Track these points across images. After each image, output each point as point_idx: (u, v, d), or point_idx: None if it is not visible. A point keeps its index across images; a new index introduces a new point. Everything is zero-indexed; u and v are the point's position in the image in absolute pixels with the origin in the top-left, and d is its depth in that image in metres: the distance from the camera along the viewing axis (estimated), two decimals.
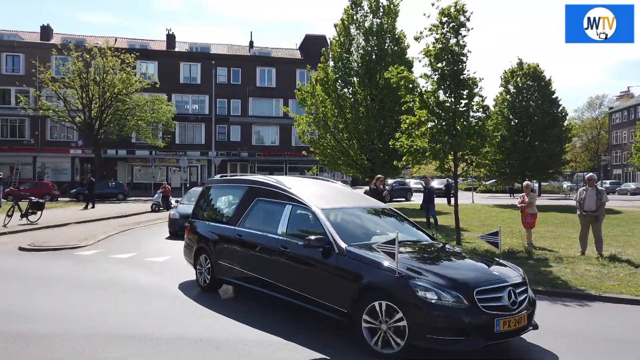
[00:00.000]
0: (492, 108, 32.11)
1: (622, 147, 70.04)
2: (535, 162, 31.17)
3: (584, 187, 11.29)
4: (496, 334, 4.83)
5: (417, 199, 30.35)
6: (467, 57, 15.23)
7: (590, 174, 11.68)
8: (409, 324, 4.87)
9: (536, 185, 41.34)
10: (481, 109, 15.04)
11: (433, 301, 4.82)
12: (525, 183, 13.43)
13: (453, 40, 14.84)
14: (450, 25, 15.02)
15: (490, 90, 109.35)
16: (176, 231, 14.70)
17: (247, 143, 49.60)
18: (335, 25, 20.41)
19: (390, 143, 17.58)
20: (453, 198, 14.20)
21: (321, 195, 7.02)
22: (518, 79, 31.82)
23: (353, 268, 5.46)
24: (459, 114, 14.11)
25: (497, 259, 6.04)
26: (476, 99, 14.90)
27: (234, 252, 7.31)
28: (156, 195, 26.29)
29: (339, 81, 19.74)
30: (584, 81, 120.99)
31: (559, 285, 8.19)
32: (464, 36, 15.05)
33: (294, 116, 22.21)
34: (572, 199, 11.57)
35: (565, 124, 32.42)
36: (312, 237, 5.80)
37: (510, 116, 31.70)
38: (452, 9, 15.50)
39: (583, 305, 7.37)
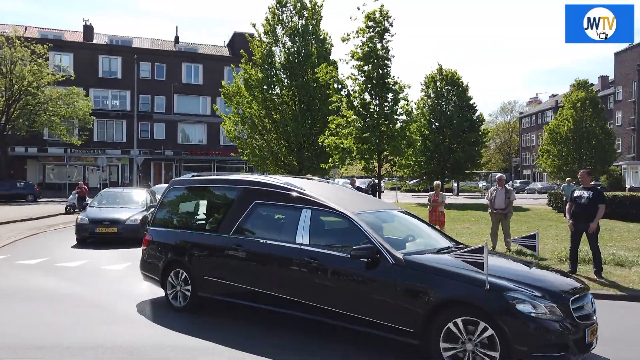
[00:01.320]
0: (415, 111, 33.59)
1: (531, 150, 75.91)
2: (454, 163, 32.96)
3: (495, 187, 12.09)
4: (587, 345, 4.54)
5: None
6: (391, 61, 15.86)
7: (500, 174, 12.52)
8: (506, 343, 4.28)
9: (455, 184, 43.76)
10: (405, 113, 15.73)
11: (533, 314, 4.33)
12: (435, 183, 14.07)
13: (378, 45, 15.39)
14: (376, 30, 15.54)
15: (417, 95, 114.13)
16: (85, 239, 13.12)
17: (173, 141, 47.91)
18: (253, 25, 20.27)
19: (319, 139, 17.84)
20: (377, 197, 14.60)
21: (339, 197, 6.26)
22: (438, 84, 33.49)
23: (418, 281, 4.80)
24: (384, 116, 14.61)
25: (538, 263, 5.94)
26: (401, 102, 15.56)
27: (227, 265, 6.18)
28: (71, 196, 24.62)
29: (266, 81, 19.67)
30: (504, 86, 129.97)
31: None
32: (388, 41, 15.62)
33: (222, 115, 21.81)
34: (486, 198, 12.36)
35: (482, 128, 34.57)
36: (359, 247, 5.04)
37: (432, 119, 33.30)
38: (377, 14, 16.08)
39: None
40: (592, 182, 9.29)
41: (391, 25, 14.21)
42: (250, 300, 5.99)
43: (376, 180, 17.96)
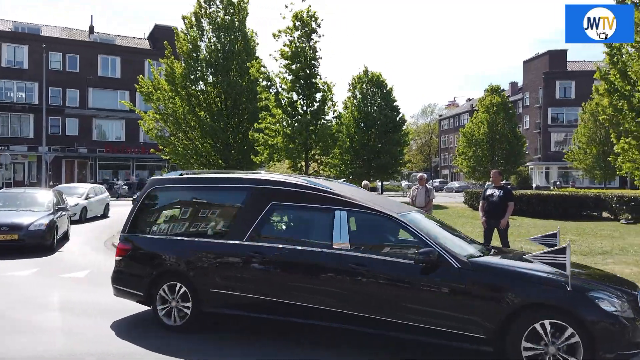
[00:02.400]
0: (342, 111, 33.88)
1: (449, 150, 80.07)
2: (379, 163, 33.91)
3: (416, 186, 12.52)
4: None
5: None
6: (319, 62, 15.93)
7: (421, 174, 12.97)
8: (591, 344, 4.20)
9: (379, 184, 45.05)
10: (333, 113, 15.94)
11: (616, 313, 4.26)
12: (364, 183, 14.33)
13: (306, 45, 15.41)
14: (303, 30, 15.53)
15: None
16: None
17: (87, 138, 44.89)
18: (184, 18, 19.51)
19: (250, 133, 17.50)
20: None
21: (363, 196, 5.81)
22: (364, 85, 34.27)
23: (491, 285, 4.61)
24: (312, 115, 14.65)
25: None
26: (329, 103, 15.72)
27: (243, 275, 5.51)
28: None
29: (190, 77, 18.95)
30: (427, 89, 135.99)
31: None
32: (316, 42, 15.67)
33: (139, 112, 20.69)
34: (408, 197, 12.76)
35: (404, 128, 35.84)
36: (422, 251, 4.75)
37: (359, 120, 34.02)
38: (305, 15, 16.10)
39: None
40: (503, 182, 9.90)
41: (319, 26, 14.28)
42: (274, 313, 5.36)
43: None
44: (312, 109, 14.09)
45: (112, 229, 16.24)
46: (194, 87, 19.12)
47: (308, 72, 13.84)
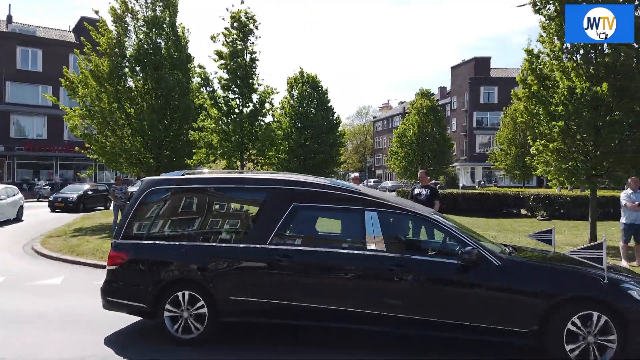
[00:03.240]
0: (280, 111, 33.90)
1: (383, 151, 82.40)
2: (315, 163, 34.27)
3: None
4: None
5: None
6: (256, 63, 15.89)
7: (355, 174, 13.39)
8: (621, 329, 4.56)
9: None
10: (270, 115, 15.95)
11: None
12: None
13: (243, 46, 15.32)
14: (241, 31, 15.44)
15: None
16: None
17: (4, 135, 41.61)
18: (110, 11, 18.65)
19: (190, 134, 17.04)
20: None
21: (386, 196, 5.67)
22: (300, 86, 34.51)
23: (532, 281, 4.78)
24: (248, 116, 14.60)
25: None
26: (266, 105, 15.72)
27: (268, 281, 5.23)
28: None
29: (117, 72, 18.15)
30: (362, 91, 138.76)
31: None
32: (253, 43, 15.64)
33: (64, 107, 19.56)
34: None
35: (339, 129, 36.45)
36: (466, 250, 4.87)
37: (296, 120, 34.19)
38: (243, 16, 16.01)
39: None
40: (432, 181, 10.44)
41: (256, 27, 14.30)
42: (304, 318, 5.17)
43: None
44: (249, 109, 14.05)
45: (28, 233, 15.28)
46: (121, 83, 18.34)
47: (245, 72, 13.79)
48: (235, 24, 13.81)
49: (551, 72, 13.50)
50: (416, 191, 9.88)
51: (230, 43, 13.75)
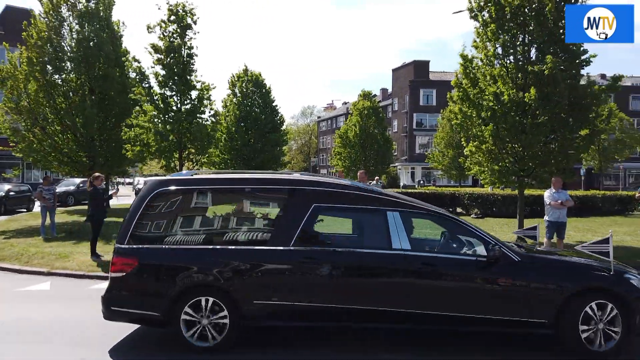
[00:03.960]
0: (222, 109, 33.32)
1: (327, 151, 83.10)
2: (259, 163, 34.00)
3: None
4: None
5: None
6: (194, 58, 15.51)
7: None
8: (625, 314, 5.04)
9: None
10: (210, 112, 15.61)
11: None
12: None
13: (180, 40, 14.89)
14: (178, 24, 15.00)
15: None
16: None
17: None
18: (42, 1, 17.60)
19: (124, 132, 16.30)
20: None
21: (408, 198, 5.83)
22: (244, 84, 34.12)
23: (549, 275, 5.18)
24: (186, 113, 14.21)
25: None
26: (205, 102, 15.37)
27: (293, 283, 5.17)
28: None
29: (48, 66, 17.13)
30: (307, 91, 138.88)
31: None
32: (191, 38, 15.24)
33: None
34: None
35: (283, 128, 36.38)
36: (491, 248, 5.17)
37: (240, 119, 33.73)
38: (180, 10, 15.55)
39: None
40: (373, 181, 10.66)
41: (194, 22, 13.94)
42: (332, 319, 5.17)
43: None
44: (187, 106, 13.69)
45: None
46: (53, 77, 17.33)
47: (183, 68, 13.42)
48: (172, 17, 13.38)
49: (484, 77, 14.19)
50: None
51: (166, 37, 13.32)
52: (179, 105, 13.49)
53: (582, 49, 13.40)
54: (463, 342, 5.53)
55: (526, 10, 13.47)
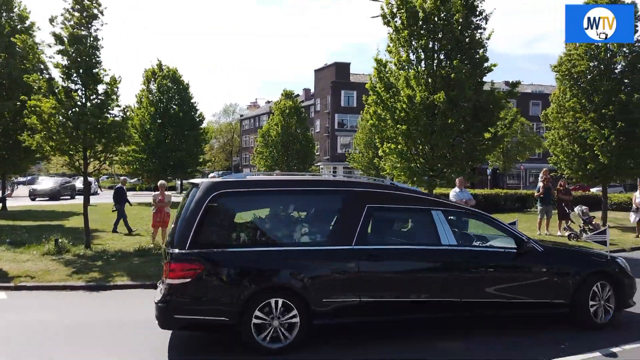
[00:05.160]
0: (135, 105, 31.75)
1: (250, 150, 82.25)
2: (177, 162, 32.85)
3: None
4: None
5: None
6: (100, 51, 14.57)
7: (212, 174, 13.18)
8: (619, 295, 6.21)
9: (178, 183, 43.64)
10: (118, 108, 14.74)
11: (630, 272, 6.40)
12: (160, 182, 13.84)
13: (85, 31, 13.90)
14: (83, 14, 14.01)
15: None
16: None
17: None
18: None
19: (25, 136, 14.88)
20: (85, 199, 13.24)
21: (444, 198, 6.83)
22: (159, 80, 32.78)
23: (565, 262, 6.18)
24: (93, 108, 13.30)
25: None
26: (113, 97, 14.48)
27: (361, 279, 5.41)
28: None
29: None
30: (231, 89, 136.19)
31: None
32: (97, 29, 14.31)
33: None
34: None
35: (202, 126, 35.42)
36: (526, 242, 6.01)
37: (156, 115, 32.35)
38: (86, 0, 14.52)
39: None
40: None
41: (101, 13, 13.10)
42: (392, 313, 5.59)
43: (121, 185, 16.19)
44: (95, 101, 12.82)
45: None
46: None
47: (88, 60, 12.57)
48: (77, 7, 12.50)
49: (397, 81, 14.76)
50: None
51: (70, 27, 12.42)
52: (84, 101, 12.62)
53: (485, 56, 14.42)
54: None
55: (435, 19, 14.21)
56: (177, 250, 5.16)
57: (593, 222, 14.15)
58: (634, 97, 16.43)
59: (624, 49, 17.29)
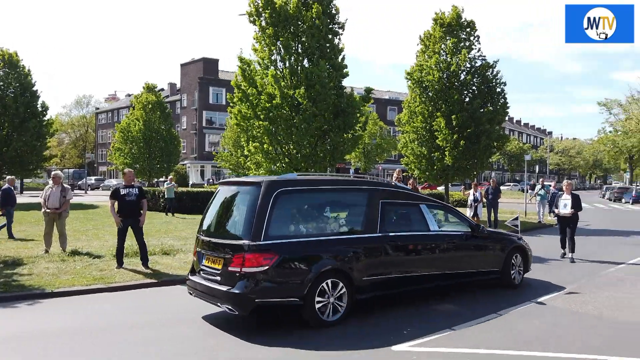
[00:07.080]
0: None
1: (107, 146, 75.74)
2: (13, 156, 28.84)
3: (50, 185, 11.28)
4: None
5: None
6: None
7: (57, 172, 11.85)
8: (526, 263, 8.61)
9: (18, 182, 38.33)
10: None
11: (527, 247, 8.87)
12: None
13: None
14: None
15: None
16: None
17: None
18: None
19: None
20: None
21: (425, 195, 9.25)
22: None
23: (499, 240, 8.36)
24: None
25: None
26: None
27: (385, 261, 6.83)
28: None
29: None
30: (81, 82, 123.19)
31: (13, 288, 7.74)
32: None
33: None
34: (41, 197, 11.23)
35: (47, 118, 31.55)
36: (481, 227, 8.12)
37: None
38: None
39: (35, 304, 7.27)
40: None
41: None
42: (410, 284, 7.09)
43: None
44: None
45: None
46: None
47: None
48: None
49: (261, 79, 14.79)
50: (123, 191, 9.33)
51: None
52: None
53: (344, 63, 15.31)
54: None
55: (299, 23, 14.55)
56: (252, 242, 5.89)
57: None
58: (476, 102, 19.06)
59: (467, 64, 19.80)
